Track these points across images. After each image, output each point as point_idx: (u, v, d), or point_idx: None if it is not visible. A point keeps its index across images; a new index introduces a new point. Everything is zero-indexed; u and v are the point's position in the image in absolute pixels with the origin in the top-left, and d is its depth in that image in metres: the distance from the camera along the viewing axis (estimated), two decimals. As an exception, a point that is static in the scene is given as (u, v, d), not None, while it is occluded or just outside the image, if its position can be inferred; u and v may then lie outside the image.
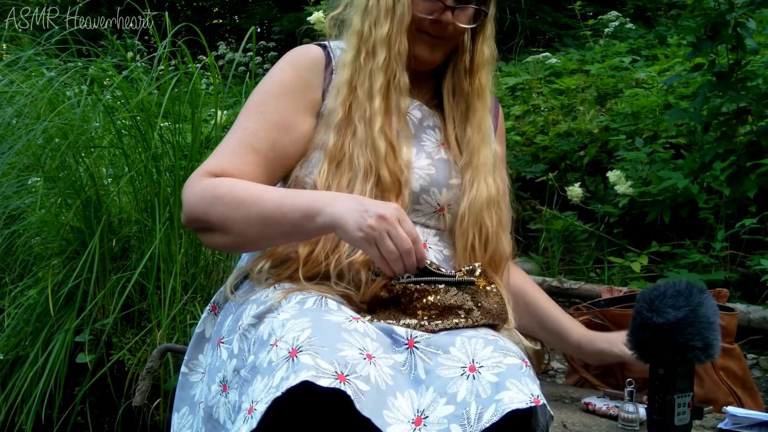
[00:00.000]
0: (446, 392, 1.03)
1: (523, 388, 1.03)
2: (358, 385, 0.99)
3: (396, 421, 1.00)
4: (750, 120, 2.70)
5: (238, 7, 9.66)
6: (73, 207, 2.34)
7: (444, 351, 1.09)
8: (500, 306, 1.23)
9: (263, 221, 1.21)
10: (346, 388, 0.97)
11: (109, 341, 2.23)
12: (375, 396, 1.00)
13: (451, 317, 1.16)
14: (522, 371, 1.06)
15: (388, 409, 1.01)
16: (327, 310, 1.14)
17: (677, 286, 1.26)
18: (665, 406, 1.24)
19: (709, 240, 2.80)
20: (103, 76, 2.79)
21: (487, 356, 1.08)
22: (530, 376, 1.07)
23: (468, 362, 1.07)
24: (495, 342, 1.11)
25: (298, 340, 1.03)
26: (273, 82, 1.35)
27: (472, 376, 1.05)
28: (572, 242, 3.27)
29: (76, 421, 2.23)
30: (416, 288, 1.16)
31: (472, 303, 1.18)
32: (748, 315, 2.39)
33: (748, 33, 2.59)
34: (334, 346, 1.02)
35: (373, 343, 1.08)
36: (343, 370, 0.99)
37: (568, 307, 2.55)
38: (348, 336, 1.06)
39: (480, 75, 1.39)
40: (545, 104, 4.13)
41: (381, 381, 1.03)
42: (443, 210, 1.35)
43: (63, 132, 2.43)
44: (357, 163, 1.27)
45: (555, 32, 6.97)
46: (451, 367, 1.07)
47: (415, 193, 1.32)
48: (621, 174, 2.94)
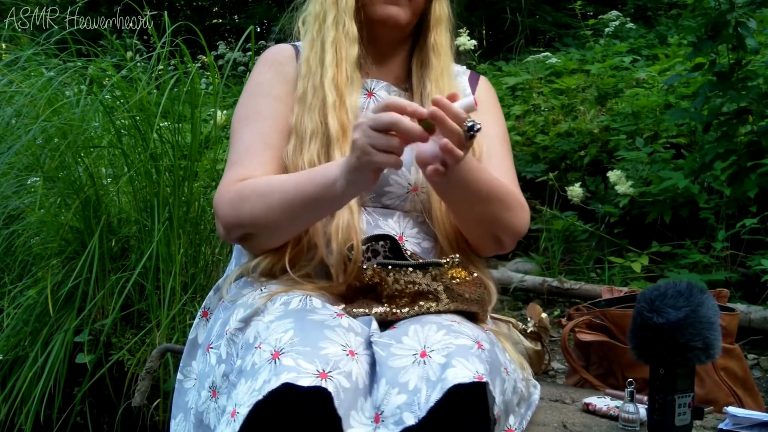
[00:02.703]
0: (398, 382, 1.01)
1: (469, 365, 1.00)
2: (341, 382, 0.99)
3: (358, 423, 0.99)
4: (750, 120, 2.70)
5: (237, 6, 9.67)
6: (72, 207, 2.34)
7: (397, 341, 1.07)
8: (479, 294, 1.21)
9: (289, 205, 1.21)
10: (327, 384, 0.96)
11: (109, 341, 2.22)
12: (351, 395, 0.99)
13: (421, 302, 1.14)
14: (471, 351, 1.03)
15: (356, 410, 1.00)
16: (312, 309, 1.13)
17: (678, 286, 1.26)
18: (666, 407, 1.24)
19: (710, 240, 2.79)
20: (102, 76, 2.79)
21: (438, 340, 1.05)
22: (479, 357, 1.03)
23: (420, 349, 1.04)
24: (450, 327, 1.09)
25: (281, 342, 1.03)
26: (256, 84, 1.39)
27: (423, 361, 1.02)
28: (572, 242, 3.27)
29: (76, 421, 2.23)
30: (385, 275, 1.15)
31: (442, 289, 1.16)
32: (749, 315, 2.38)
33: (749, 33, 2.59)
34: (316, 345, 1.02)
35: (356, 339, 1.08)
36: (325, 368, 0.99)
37: (568, 307, 2.55)
38: (331, 333, 1.06)
39: (435, 32, 1.39)
40: (545, 104, 4.13)
41: (360, 379, 1.02)
42: (416, 189, 1.33)
43: (62, 132, 2.43)
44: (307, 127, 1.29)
45: (555, 32, 6.97)
46: (402, 356, 1.04)
47: (384, 175, 1.29)
48: (621, 174, 2.93)
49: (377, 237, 1.25)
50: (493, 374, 1.06)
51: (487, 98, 1.47)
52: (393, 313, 1.14)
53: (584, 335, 1.75)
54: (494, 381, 1.07)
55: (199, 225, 2.40)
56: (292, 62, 1.39)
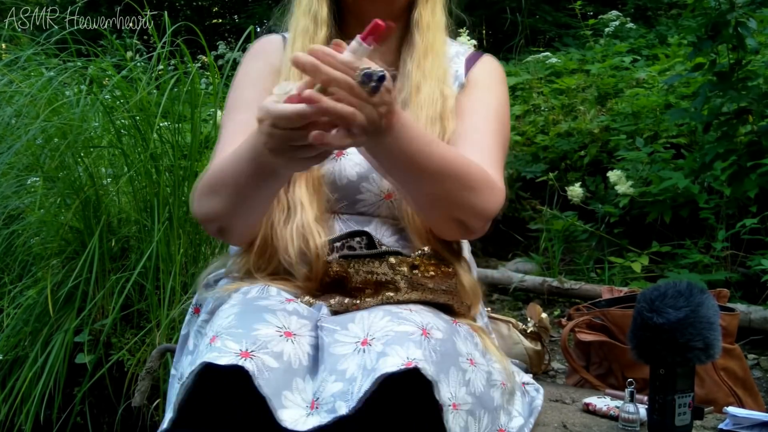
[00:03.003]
0: (336, 369, 0.97)
1: (401, 352, 0.95)
2: (265, 361, 0.95)
3: (293, 404, 0.95)
4: (751, 120, 2.70)
5: (237, 6, 9.67)
6: (72, 207, 2.34)
7: (343, 327, 1.03)
8: (448, 285, 1.17)
9: (235, 183, 1.12)
10: (245, 363, 0.94)
11: (109, 341, 2.22)
12: (281, 375, 0.96)
13: (384, 292, 1.12)
14: (410, 337, 0.98)
15: (290, 390, 0.96)
16: (265, 296, 1.11)
17: (678, 286, 1.26)
18: (666, 407, 1.24)
19: (710, 240, 2.80)
20: (102, 76, 2.79)
21: (380, 328, 1.01)
22: (418, 343, 0.97)
23: (362, 336, 1.01)
24: (398, 314, 1.04)
25: (221, 327, 1.02)
26: (244, 75, 1.35)
27: (363, 350, 0.99)
28: (573, 242, 3.27)
29: (76, 421, 2.22)
30: (347, 266, 1.13)
31: (400, 278, 1.12)
32: (749, 315, 2.38)
33: (749, 33, 2.59)
34: (250, 327, 1.00)
35: (300, 321, 1.05)
36: (250, 347, 0.96)
37: (568, 307, 2.55)
38: (270, 316, 1.03)
39: (422, 7, 1.29)
40: (545, 104, 4.13)
41: (296, 359, 0.99)
42: (390, 197, 1.25)
43: (62, 132, 2.43)
44: None
45: (555, 32, 6.98)
46: (345, 344, 1.00)
47: (353, 183, 1.24)
48: (621, 174, 2.94)
49: (353, 233, 1.21)
50: (445, 362, 1.01)
51: (482, 74, 1.35)
52: (354, 303, 1.11)
53: (584, 335, 1.75)
54: (446, 369, 1.01)
55: (199, 225, 2.40)
56: (279, 52, 1.34)
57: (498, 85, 1.36)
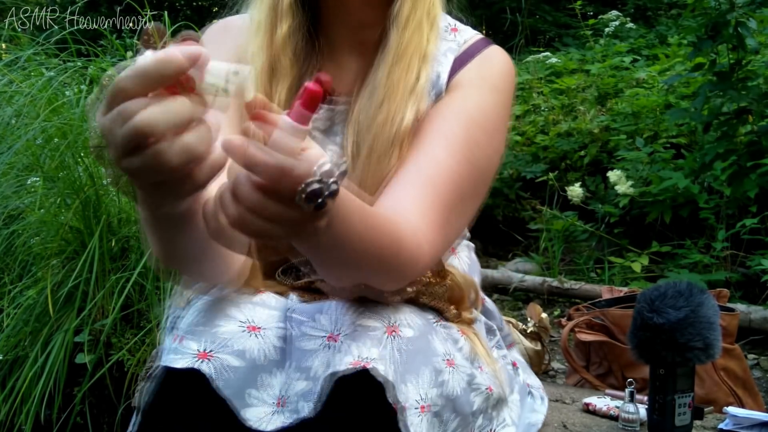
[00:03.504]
0: (302, 367, 0.93)
1: (355, 350, 0.90)
2: (227, 361, 0.91)
3: (259, 402, 0.91)
4: (751, 120, 2.70)
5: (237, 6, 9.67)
6: (72, 207, 2.34)
7: (312, 318, 0.97)
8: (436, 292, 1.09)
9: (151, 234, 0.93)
10: (201, 366, 0.90)
11: (109, 341, 2.22)
12: (245, 373, 0.92)
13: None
14: (372, 334, 0.93)
15: (255, 388, 0.92)
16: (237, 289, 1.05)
17: (678, 286, 1.26)
18: (666, 407, 1.24)
19: (710, 240, 2.80)
20: (102, 76, 2.79)
21: (349, 323, 0.95)
22: (377, 340, 0.92)
23: (330, 330, 0.95)
24: (369, 306, 0.98)
25: (186, 324, 0.98)
26: None
27: (329, 345, 0.93)
28: (572, 242, 3.27)
29: (76, 421, 2.22)
30: None
31: None
32: (749, 315, 2.38)
33: (749, 33, 2.59)
34: (212, 324, 0.96)
35: (267, 312, 1.00)
36: (210, 347, 0.93)
37: (568, 307, 2.55)
38: (234, 310, 0.99)
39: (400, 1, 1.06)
40: (545, 104, 4.13)
41: (260, 354, 0.94)
42: None
43: (62, 132, 2.43)
44: None
45: (555, 32, 6.98)
46: (313, 338, 0.95)
47: None
48: (621, 174, 2.94)
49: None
50: (414, 361, 0.95)
51: (470, 74, 1.10)
52: None
53: (584, 335, 1.75)
54: (416, 369, 0.95)
55: (199, 225, 2.40)
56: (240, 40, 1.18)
57: (490, 83, 1.09)
